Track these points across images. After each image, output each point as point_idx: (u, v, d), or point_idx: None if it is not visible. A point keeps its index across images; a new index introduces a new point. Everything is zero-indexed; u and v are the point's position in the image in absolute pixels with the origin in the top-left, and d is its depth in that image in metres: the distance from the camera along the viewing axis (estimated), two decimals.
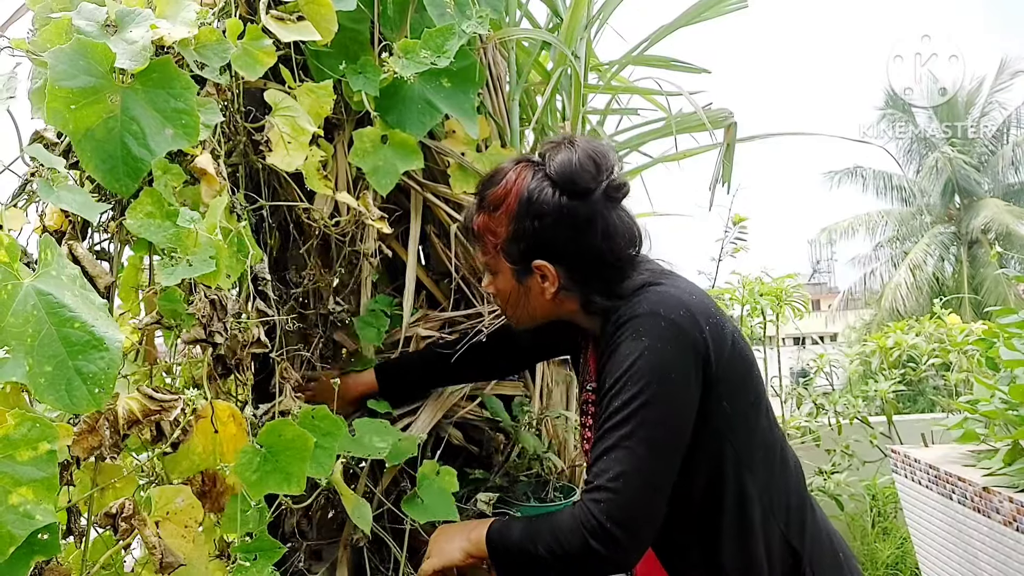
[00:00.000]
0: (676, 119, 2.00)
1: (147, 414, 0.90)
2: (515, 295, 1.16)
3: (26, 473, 0.69)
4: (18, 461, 0.69)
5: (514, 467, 1.90)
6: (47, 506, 0.70)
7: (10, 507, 0.69)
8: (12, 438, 0.69)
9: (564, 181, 1.09)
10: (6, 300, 0.72)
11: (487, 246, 1.15)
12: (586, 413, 1.26)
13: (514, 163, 1.16)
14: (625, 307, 1.07)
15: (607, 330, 1.10)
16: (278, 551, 1.05)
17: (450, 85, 1.56)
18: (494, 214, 1.13)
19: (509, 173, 1.13)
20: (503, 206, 1.12)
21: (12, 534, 0.69)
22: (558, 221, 1.08)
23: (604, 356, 1.08)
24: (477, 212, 1.16)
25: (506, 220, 1.11)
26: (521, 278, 1.14)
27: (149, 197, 0.95)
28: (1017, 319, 2.25)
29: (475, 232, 1.17)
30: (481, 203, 1.16)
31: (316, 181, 1.37)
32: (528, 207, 1.09)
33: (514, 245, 1.11)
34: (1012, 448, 2.06)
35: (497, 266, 1.16)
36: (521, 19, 2.08)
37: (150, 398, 0.90)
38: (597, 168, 1.10)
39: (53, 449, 0.71)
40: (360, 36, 1.51)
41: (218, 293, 1.03)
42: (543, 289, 1.13)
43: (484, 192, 1.16)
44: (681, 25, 2.02)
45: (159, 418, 0.91)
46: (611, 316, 1.09)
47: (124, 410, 0.88)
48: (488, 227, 1.14)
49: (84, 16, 0.92)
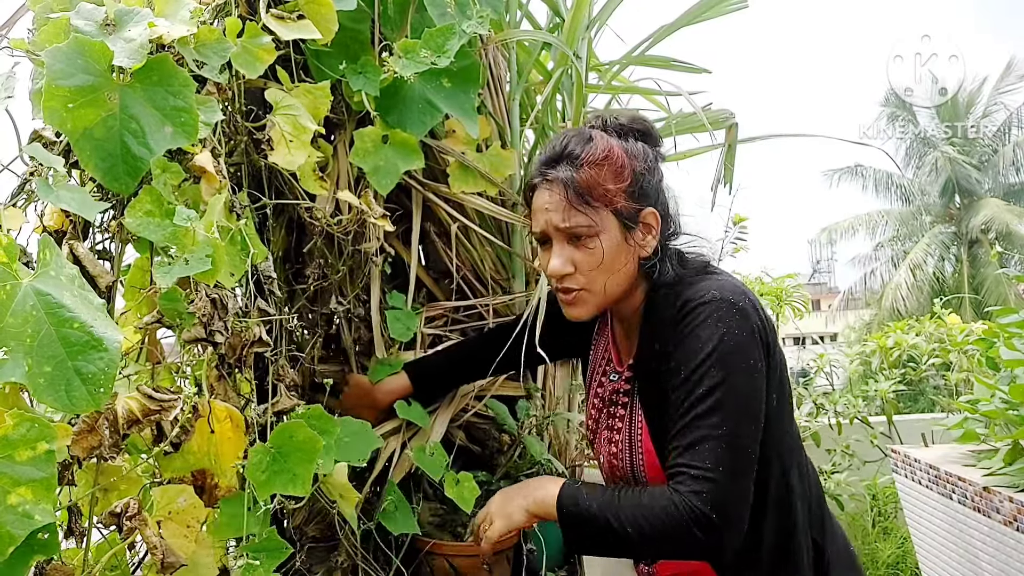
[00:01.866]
0: (677, 119, 2.00)
1: (147, 413, 0.90)
2: (613, 256, 1.10)
3: (25, 473, 0.69)
4: (17, 461, 0.69)
5: (516, 468, 1.90)
6: (46, 506, 0.70)
7: (9, 507, 0.68)
8: (11, 438, 0.69)
9: (642, 132, 1.14)
10: (5, 300, 0.72)
11: (596, 200, 1.08)
12: (615, 403, 1.20)
13: (574, 132, 1.15)
14: (690, 291, 1.07)
15: (664, 313, 1.08)
16: (285, 551, 1.05)
17: (450, 85, 1.56)
18: (600, 168, 1.09)
19: (587, 134, 1.12)
20: (607, 158, 1.09)
21: (11, 534, 0.68)
22: (652, 169, 1.12)
23: (668, 341, 1.06)
24: (577, 171, 1.09)
25: (615, 171, 1.09)
26: (630, 230, 1.10)
27: (148, 195, 0.95)
28: (1017, 319, 2.25)
29: (584, 188, 1.08)
30: (579, 162, 1.09)
31: (311, 182, 1.37)
32: (632, 156, 1.10)
33: (627, 194, 1.09)
34: (1012, 448, 2.05)
35: (601, 224, 1.09)
36: (522, 19, 2.08)
37: (150, 397, 0.90)
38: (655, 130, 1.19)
39: (52, 449, 0.71)
40: (360, 36, 1.51)
41: (219, 292, 1.03)
42: (643, 245, 1.11)
43: (577, 153, 1.10)
44: (681, 25, 2.01)
45: (159, 418, 0.91)
46: (670, 298, 1.08)
47: (124, 410, 0.87)
48: (597, 180, 1.08)
49: (83, 16, 0.92)
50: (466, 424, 1.89)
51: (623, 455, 1.15)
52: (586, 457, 2.28)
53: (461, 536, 1.74)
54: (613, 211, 1.08)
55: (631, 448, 1.14)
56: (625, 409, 1.16)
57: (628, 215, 1.09)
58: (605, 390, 1.24)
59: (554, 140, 1.15)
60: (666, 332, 1.07)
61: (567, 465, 2.01)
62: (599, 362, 1.28)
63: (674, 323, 1.05)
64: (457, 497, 1.56)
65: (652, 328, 1.11)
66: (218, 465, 1.04)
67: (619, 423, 1.18)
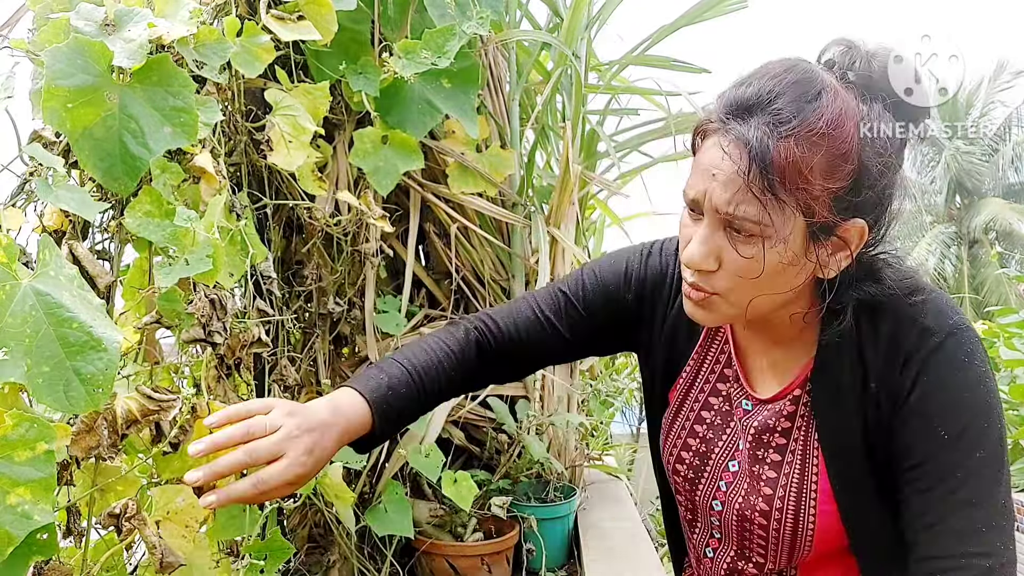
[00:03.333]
0: (676, 119, 2.00)
1: (146, 414, 0.90)
2: (776, 272, 0.76)
3: (24, 473, 0.69)
4: (16, 462, 0.69)
5: (515, 468, 1.90)
6: (45, 506, 0.70)
7: (8, 507, 0.68)
8: (10, 439, 0.69)
9: (897, 102, 0.76)
10: (4, 300, 0.72)
11: (788, 194, 0.71)
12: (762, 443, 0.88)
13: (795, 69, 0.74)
14: (926, 318, 0.78)
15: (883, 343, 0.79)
16: (287, 550, 1.06)
17: (450, 85, 1.56)
18: (814, 150, 0.70)
19: (816, 83, 0.73)
20: (829, 138, 0.71)
21: (11, 534, 0.68)
22: (887, 167, 0.75)
23: (897, 381, 0.78)
24: (778, 140, 0.70)
25: (833, 160, 0.71)
26: (817, 242, 0.75)
27: (148, 196, 0.95)
28: (1017, 319, 2.25)
29: (778, 172, 0.70)
30: (786, 129, 0.70)
31: (310, 182, 1.37)
32: (868, 142, 0.73)
33: (836, 199, 0.73)
34: (1012, 448, 2.05)
35: (778, 227, 0.73)
36: (521, 19, 2.08)
37: (149, 397, 0.90)
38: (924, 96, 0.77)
39: (51, 450, 0.71)
40: (360, 36, 1.51)
41: (218, 292, 1.03)
42: (826, 263, 0.76)
43: (787, 113, 0.71)
44: (681, 25, 2.01)
45: (157, 418, 0.91)
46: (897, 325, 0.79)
47: (123, 410, 0.87)
48: (801, 168, 0.70)
49: (83, 16, 0.92)
50: (464, 423, 1.89)
51: (780, 509, 0.85)
52: (586, 458, 2.29)
53: (461, 536, 1.74)
54: (805, 214, 0.72)
55: (799, 501, 0.84)
56: (780, 454, 0.86)
57: (823, 225, 0.74)
58: (728, 419, 0.92)
59: (751, 76, 0.76)
60: (891, 371, 0.78)
61: (567, 465, 2.01)
62: (703, 375, 0.95)
63: (911, 363, 0.77)
64: (455, 496, 1.56)
65: (860, 359, 0.81)
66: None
67: (767, 469, 0.86)
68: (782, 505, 0.85)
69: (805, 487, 0.84)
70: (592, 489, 2.29)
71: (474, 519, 1.75)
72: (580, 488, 2.05)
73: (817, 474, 0.84)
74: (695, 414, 0.94)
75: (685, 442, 0.94)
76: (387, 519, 1.52)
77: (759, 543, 0.88)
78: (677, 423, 0.95)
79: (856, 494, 0.82)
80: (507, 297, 1.96)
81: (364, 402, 0.85)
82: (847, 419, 0.81)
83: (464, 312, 1.97)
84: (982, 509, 0.75)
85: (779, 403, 0.87)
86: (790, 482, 0.85)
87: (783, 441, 0.86)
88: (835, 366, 0.82)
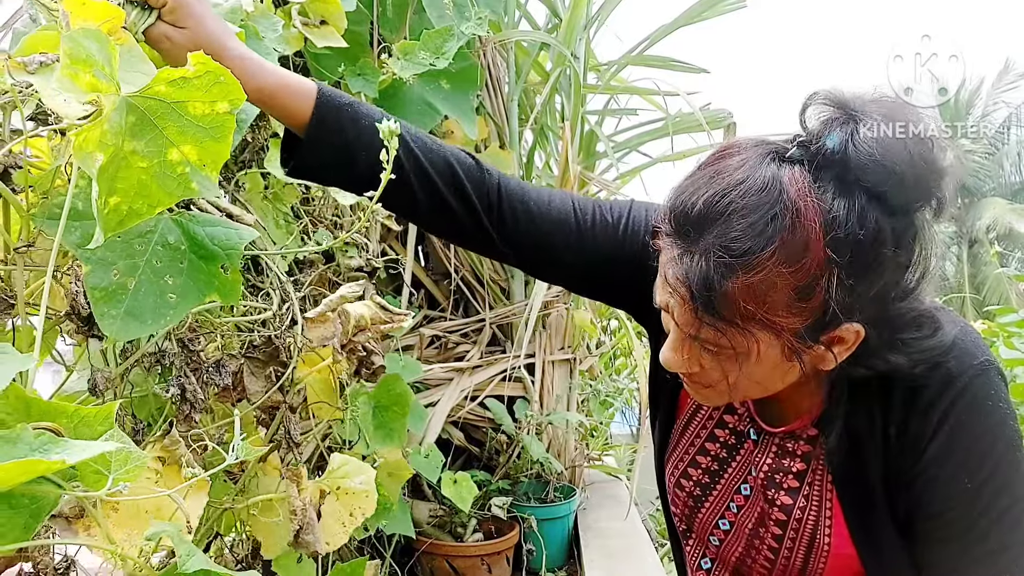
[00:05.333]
0: (675, 119, 2.00)
1: (376, 322, 0.88)
2: (763, 372, 0.71)
3: (194, 130, 0.58)
4: (190, 113, 0.57)
5: (515, 469, 1.91)
6: (208, 175, 0.59)
7: (167, 163, 0.58)
8: (191, 83, 0.56)
9: (884, 195, 0.64)
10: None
11: (746, 323, 0.65)
12: (773, 483, 0.83)
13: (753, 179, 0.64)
14: (948, 358, 0.72)
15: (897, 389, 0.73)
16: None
17: (449, 86, 1.56)
18: (772, 280, 0.62)
19: (777, 200, 0.62)
20: (794, 268, 0.62)
21: (162, 193, 0.58)
22: (882, 263, 0.65)
23: (914, 425, 0.73)
24: (727, 273, 0.63)
25: (796, 287, 0.63)
26: (802, 351, 0.68)
27: None
28: (1016, 318, 2.25)
29: (730, 304, 0.64)
30: (739, 259, 0.62)
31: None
32: (848, 255, 0.63)
33: (810, 316, 0.65)
34: None
35: (747, 345, 0.67)
36: (520, 20, 2.08)
37: (384, 309, 0.90)
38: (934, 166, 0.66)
39: (231, 112, 0.59)
40: (359, 37, 1.52)
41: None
42: (822, 358, 0.70)
43: (742, 246, 0.62)
44: (681, 25, 2.02)
45: (389, 329, 0.89)
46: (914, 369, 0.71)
47: (356, 315, 0.87)
48: (755, 301, 0.63)
49: None
50: (464, 424, 1.89)
51: (791, 549, 0.81)
52: (586, 458, 2.29)
53: (461, 536, 1.74)
54: (774, 335, 0.67)
55: (811, 540, 0.80)
56: (792, 497, 0.81)
57: (802, 335, 0.67)
58: (735, 452, 0.87)
59: (706, 178, 0.66)
60: (911, 417, 0.73)
61: (566, 466, 2.01)
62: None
63: (933, 411, 0.72)
64: (455, 497, 1.56)
65: (881, 400, 0.75)
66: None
67: (777, 511, 0.82)
68: (793, 545, 0.81)
69: (820, 528, 0.80)
70: (592, 489, 2.29)
71: (474, 519, 1.76)
72: (580, 488, 2.06)
73: (832, 515, 0.79)
74: (701, 441, 0.90)
75: (694, 458, 0.90)
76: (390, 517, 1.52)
77: (763, 567, 0.85)
78: (686, 438, 0.91)
79: (873, 538, 0.78)
80: (507, 297, 1.96)
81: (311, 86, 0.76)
82: (863, 465, 0.76)
83: (464, 312, 1.97)
84: (1009, 556, 0.71)
85: (791, 441, 0.82)
86: (803, 525, 0.81)
87: (796, 484, 0.82)
88: (850, 411, 0.76)
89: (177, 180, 0.59)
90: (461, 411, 1.82)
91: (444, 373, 1.80)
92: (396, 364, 1.56)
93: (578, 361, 2.10)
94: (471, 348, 1.89)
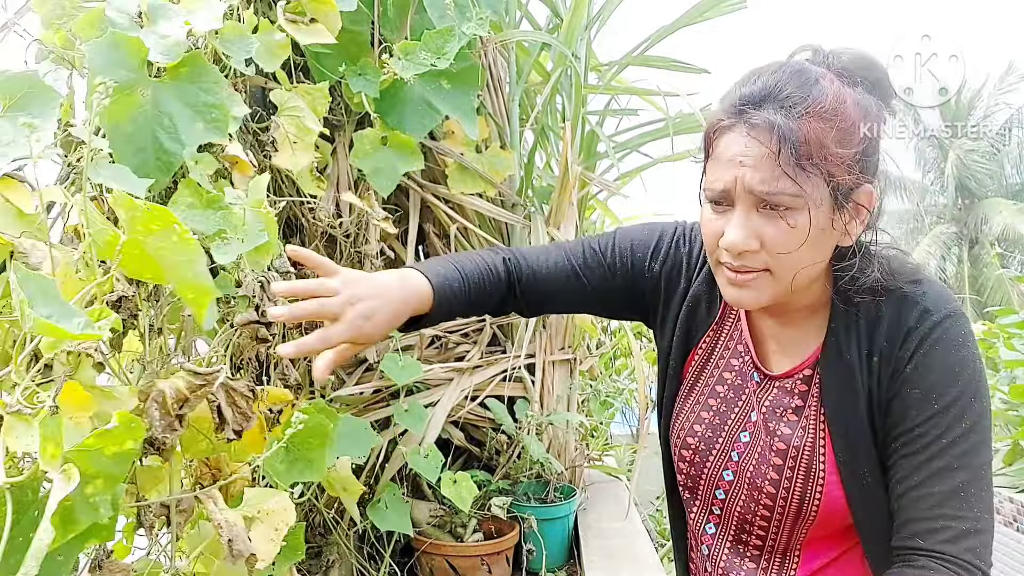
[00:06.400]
0: (676, 120, 2.00)
1: (193, 389, 0.89)
2: (817, 239, 0.83)
3: (106, 467, 0.69)
4: (105, 455, 0.68)
5: (515, 469, 1.91)
6: (108, 499, 0.70)
7: (84, 496, 0.68)
8: (110, 431, 0.68)
9: (873, 82, 0.86)
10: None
11: (814, 165, 0.80)
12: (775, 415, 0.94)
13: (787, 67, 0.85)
14: (927, 300, 0.86)
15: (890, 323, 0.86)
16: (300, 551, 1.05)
17: (450, 86, 1.56)
18: (827, 124, 0.80)
19: (810, 73, 0.83)
20: (836, 113, 0.81)
21: (76, 521, 0.68)
22: (879, 134, 0.86)
23: (898, 358, 0.85)
24: (798, 119, 0.80)
25: (844, 130, 0.81)
26: (840, 210, 0.83)
27: (187, 188, 0.94)
28: (1017, 319, 2.26)
29: (803, 146, 0.79)
30: (799, 110, 0.81)
31: (309, 183, 1.37)
32: (864, 113, 0.83)
33: (850, 163, 0.82)
34: (1012, 448, 2.06)
35: (811, 196, 0.81)
36: (521, 20, 2.08)
37: (194, 373, 0.91)
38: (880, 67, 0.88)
39: (135, 448, 0.71)
40: (360, 37, 1.52)
41: (266, 275, 1.05)
42: (848, 231, 0.85)
43: (796, 97, 0.81)
44: (681, 25, 2.02)
45: (206, 392, 0.90)
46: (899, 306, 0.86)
47: (172, 389, 0.87)
48: (821, 140, 0.80)
49: (115, 8, 0.91)
50: (464, 424, 1.89)
51: (790, 478, 0.91)
52: (586, 458, 2.29)
53: (461, 536, 1.74)
54: (828, 181, 0.81)
55: (808, 472, 0.90)
56: (791, 428, 0.92)
57: (843, 190, 0.82)
58: (740, 392, 0.98)
59: (752, 74, 0.86)
60: (893, 347, 0.86)
61: (567, 466, 2.01)
62: (719, 351, 1.01)
63: (911, 339, 0.85)
64: (455, 497, 1.56)
65: (866, 340, 0.88)
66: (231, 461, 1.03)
67: (778, 441, 0.92)
68: (792, 475, 0.90)
69: (815, 461, 0.89)
70: (592, 489, 2.29)
71: (474, 519, 1.76)
72: (580, 488, 2.06)
73: (825, 449, 0.89)
74: (710, 388, 1.00)
75: (699, 415, 1.00)
76: (387, 515, 1.53)
77: (763, 515, 0.93)
78: (692, 398, 1.01)
79: (860, 469, 0.87)
80: None
81: (428, 283, 0.93)
82: (852, 397, 0.87)
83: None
84: (962, 476, 0.81)
85: (790, 380, 0.93)
86: (800, 454, 0.90)
87: (794, 418, 0.92)
88: (843, 348, 0.89)
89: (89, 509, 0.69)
90: (461, 411, 1.82)
91: (444, 373, 1.80)
92: (396, 364, 1.56)
93: (578, 361, 2.10)
94: (471, 348, 1.89)
